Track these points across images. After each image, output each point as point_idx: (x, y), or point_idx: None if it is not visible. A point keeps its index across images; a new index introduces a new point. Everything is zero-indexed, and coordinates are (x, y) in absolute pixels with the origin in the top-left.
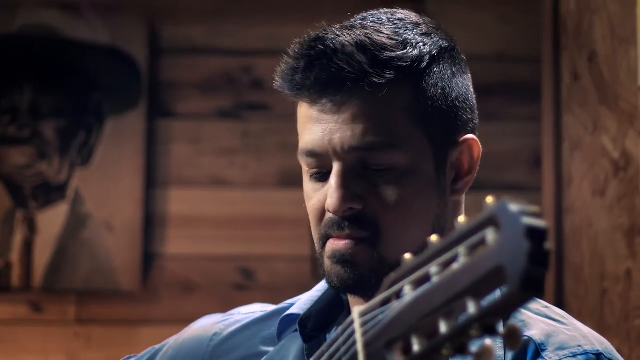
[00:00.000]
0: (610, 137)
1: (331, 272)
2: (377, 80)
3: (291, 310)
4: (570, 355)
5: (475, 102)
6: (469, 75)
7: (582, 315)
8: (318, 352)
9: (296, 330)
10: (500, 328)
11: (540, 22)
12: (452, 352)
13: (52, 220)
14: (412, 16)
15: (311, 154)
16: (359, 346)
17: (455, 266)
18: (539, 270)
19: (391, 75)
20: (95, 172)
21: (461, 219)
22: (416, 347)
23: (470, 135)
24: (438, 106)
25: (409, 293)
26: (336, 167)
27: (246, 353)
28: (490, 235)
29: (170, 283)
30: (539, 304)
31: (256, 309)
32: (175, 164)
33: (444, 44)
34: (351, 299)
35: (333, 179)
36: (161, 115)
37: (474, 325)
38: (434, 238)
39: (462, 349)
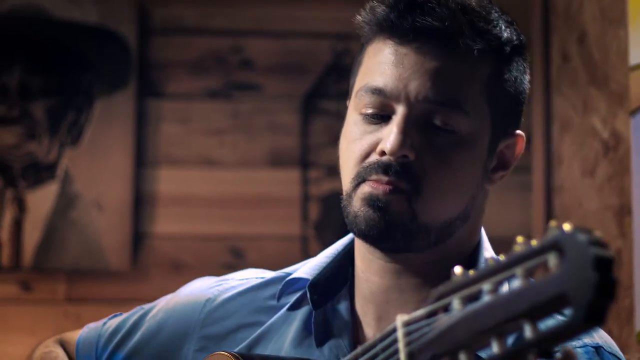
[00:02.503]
0: (600, 117)
1: (360, 214)
2: (470, 44)
3: (297, 275)
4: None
5: None
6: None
7: None
8: (350, 356)
9: (298, 300)
10: (557, 353)
11: (530, 3)
12: None
13: (41, 200)
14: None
15: (378, 92)
16: (402, 356)
17: (513, 287)
18: (605, 301)
19: (481, 45)
20: (85, 152)
21: (519, 238)
22: None
23: (520, 132)
24: (507, 92)
25: (458, 308)
26: (402, 112)
27: (241, 321)
28: (552, 260)
29: (159, 262)
30: None
31: (251, 275)
32: (165, 144)
33: (523, 38)
34: (362, 262)
35: (397, 123)
36: (151, 95)
37: (531, 349)
38: (487, 256)
39: None
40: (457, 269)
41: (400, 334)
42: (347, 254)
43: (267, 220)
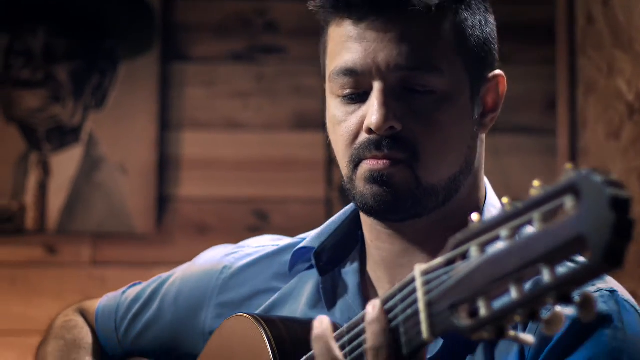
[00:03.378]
0: (624, 79)
1: (366, 192)
2: (426, 1)
3: (304, 244)
4: None
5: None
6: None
7: None
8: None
9: (310, 267)
10: (575, 297)
11: None
12: (523, 319)
13: (66, 163)
14: None
15: (350, 72)
16: (421, 305)
17: (530, 232)
18: (623, 242)
19: (438, 0)
20: (110, 115)
21: (535, 183)
22: (483, 310)
23: (499, 72)
24: (476, 38)
25: (475, 255)
26: (378, 86)
27: (256, 288)
28: (569, 203)
29: (184, 225)
30: None
31: (266, 243)
32: (189, 107)
33: None
34: (370, 232)
35: (376, 97)
36: (175, 58)
37: (549, 294)
38: (505, 200)
39: (534, 316)
40: (475, 216)
41: (418, 283)
42: (355, 218)
43: (291, 183)
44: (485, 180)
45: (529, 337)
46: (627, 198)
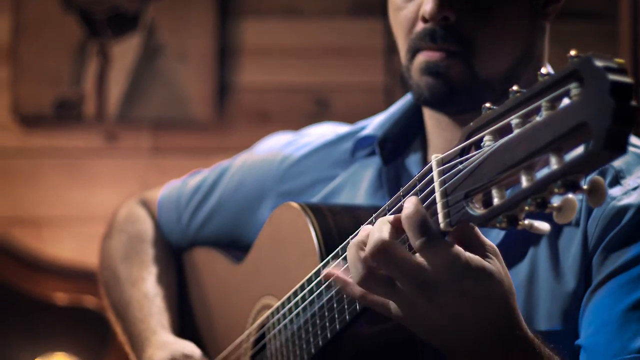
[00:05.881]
0: None
1: (421, 83)
2: None
3: (367, 132)
4: None
5: None
6: None
7: None
8: (394, 198)
9: (371, 154)
10: (583, 184)
11: None
12: (534, 208)
13: (125, 51)
14: None
15: None
16: (437, 195)
17: (537, 119)
18: (624, 128)
19: None
20: (169, 3)
21: (544, 70)
22: (496, 199)
23: None
24: None
25: (489, 144)
26: None
27: (316, 177)
28: (574, 89)
29: (244, 113)
30: None
31: (327, 131)
32: None
33: None
34: (430, 119)
35: None
36: None
37: (556, 182)
38: (515, 88)
39: (544, 204)
40: (487, 104)
41: (435, 173)
42: (416, 107)
43: (351, 71)
44: (549, 68)
45: (544, 225)
46: (628, 84)
